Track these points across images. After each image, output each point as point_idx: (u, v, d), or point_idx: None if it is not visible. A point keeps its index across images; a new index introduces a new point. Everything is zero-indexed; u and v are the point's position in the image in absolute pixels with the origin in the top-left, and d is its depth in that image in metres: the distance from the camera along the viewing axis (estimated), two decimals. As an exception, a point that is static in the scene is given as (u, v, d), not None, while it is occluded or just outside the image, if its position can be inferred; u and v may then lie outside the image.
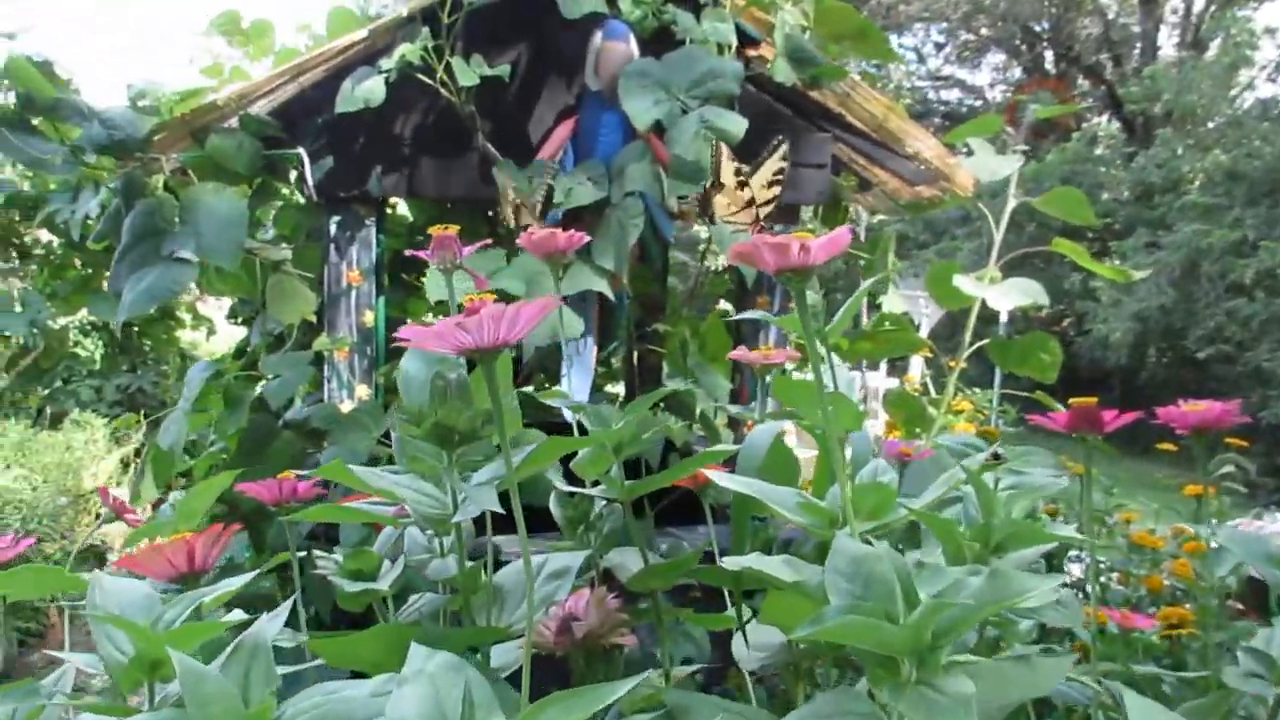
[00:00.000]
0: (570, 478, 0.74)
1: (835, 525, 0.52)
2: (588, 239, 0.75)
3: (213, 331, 4.26)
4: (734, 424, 1.86)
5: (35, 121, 1.26)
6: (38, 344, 3.76)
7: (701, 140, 1.22)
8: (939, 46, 13.64)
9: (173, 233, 1.27)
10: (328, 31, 1.53)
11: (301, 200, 1.73)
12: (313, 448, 1.49)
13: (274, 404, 1.39)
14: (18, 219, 4.17)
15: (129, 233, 1.29)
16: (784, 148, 0.96)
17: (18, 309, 3.83)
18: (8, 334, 4.06)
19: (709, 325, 2.23)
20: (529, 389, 2.04)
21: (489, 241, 0.91)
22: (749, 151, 1.59)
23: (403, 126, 1.51)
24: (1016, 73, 13.38)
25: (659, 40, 1.44)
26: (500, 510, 0.47)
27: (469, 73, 1.32)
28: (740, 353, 0.76)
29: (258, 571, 0.59)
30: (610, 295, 1.35)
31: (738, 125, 1.26)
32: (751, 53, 1.65)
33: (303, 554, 0.72)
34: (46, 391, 3.98)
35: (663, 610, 0.66)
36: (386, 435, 1.48)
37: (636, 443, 0.62)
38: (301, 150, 1.46)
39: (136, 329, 4.53)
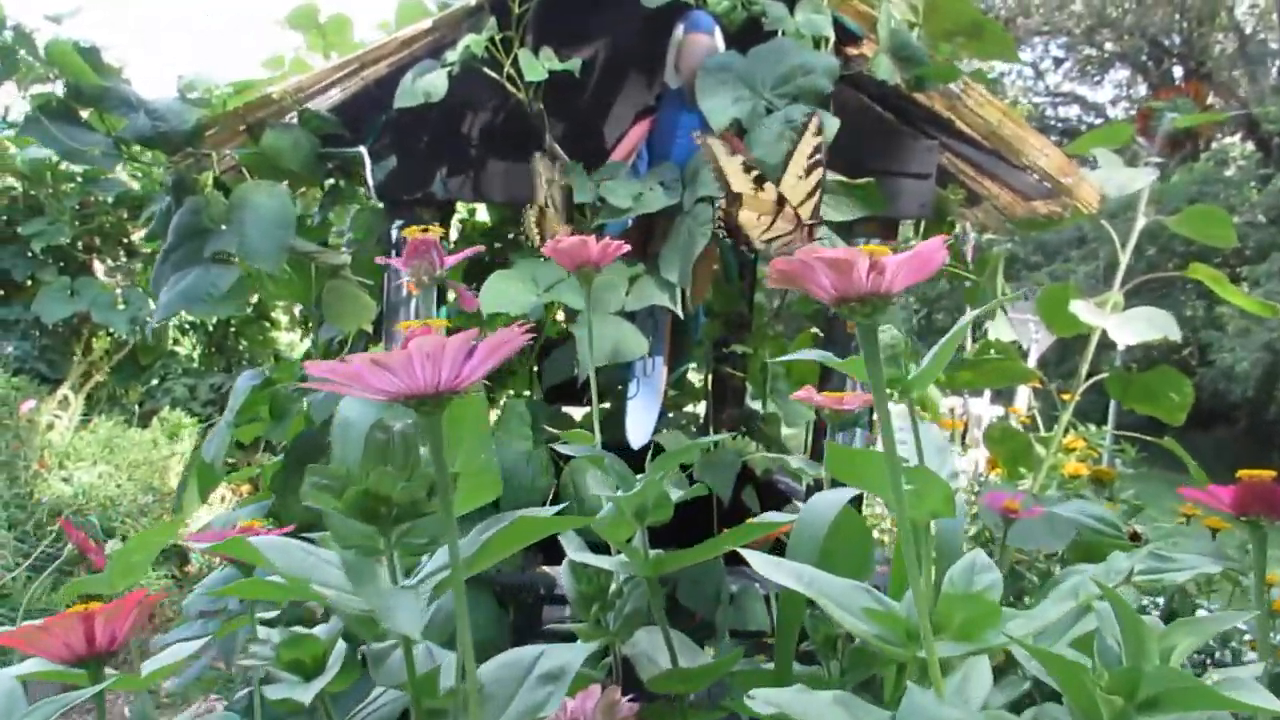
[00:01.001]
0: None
1: (915, 642, 0.38)
2: (626, 248, 0.63)
3: (307, 333, 4.30)
4: (820, 455, 1.70)
5: (85, 112, 1.20)
6: (134, 336, 3.83)
7: (787, 142, 1.08)
8: (1058, 62, 13.11)
9: (217, 232, 1.20)
10: (396, 22, 1.45)
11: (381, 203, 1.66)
12: (362, 464, 1.41)
13: (317, 417, 1.30)
14: (125, 217, 4.29)
15: (174, 231, 1.22)
16: (815, 121, 0.78)
17: (120, 307, 3.93)
18: (111, 331, 4.17)
19: (798, 344, 2.09)
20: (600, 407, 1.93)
21: (481, 249, 0.78)
22: (848, 157, 1.45)
23: (470, 125, 1.42)
24: (1141, 89, 12.76)
25: (748, 35, 1.31)
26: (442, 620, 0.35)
27: (537, 67, 1.22)
28: (806, 393, 0.63)
29: (203, 640, 0.48)
30: (678, 311, 1.23)
31: (829, 125, 1.12)
32: (852, 51, 1.50)
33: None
34: (144, 388, 4.06)
35: (692, 713, 0.53)
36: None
37: (662, 507, 0.49)
38: (363, 149, 1.38)
39: (233, 329, 4.62)
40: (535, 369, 1.68)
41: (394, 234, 1.48)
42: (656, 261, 1.22)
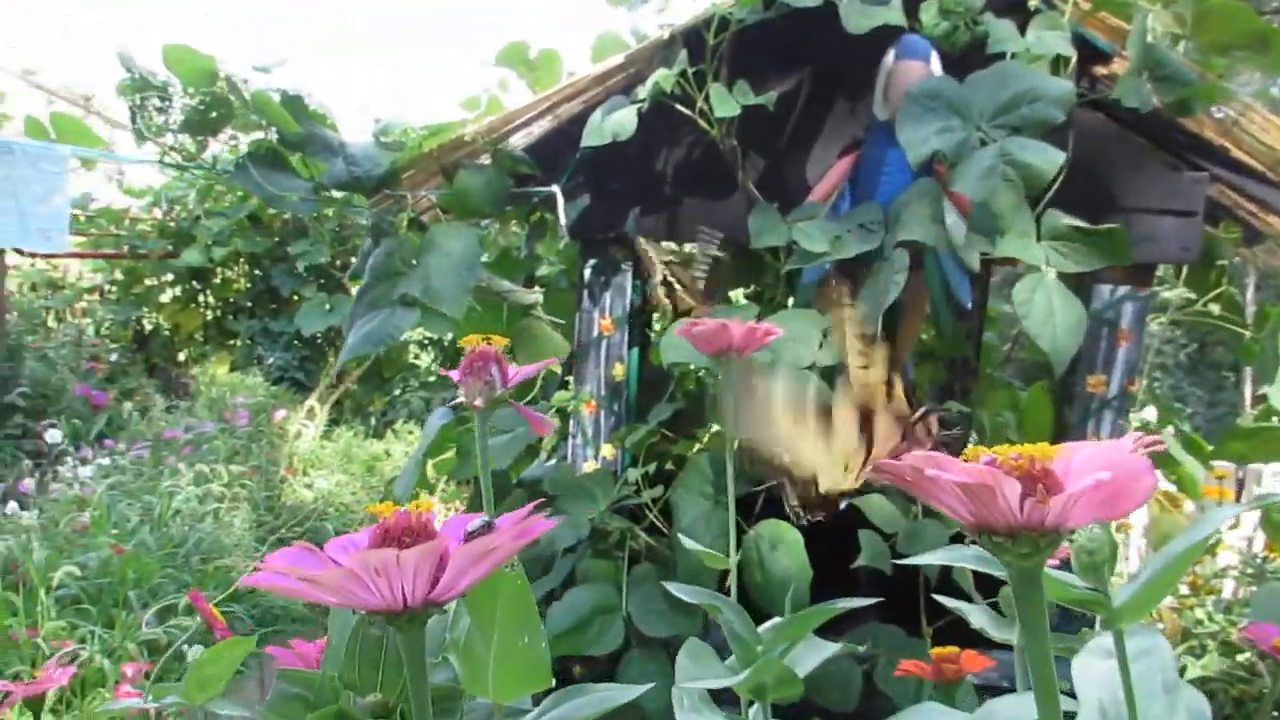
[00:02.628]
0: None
1: None
2: (775, 335, 0.53)
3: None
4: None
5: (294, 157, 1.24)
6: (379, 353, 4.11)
7: (1000, 179, 0.93)
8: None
9: (407, 274, 1.20)
10: (594, 57, 1.42)
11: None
12: (545, 510, 1.37)
13: (498, 461, 1.28)
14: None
15: (370, 272, 1.24)
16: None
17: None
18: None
19: (1030, 399, 1.87)
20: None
21: (553, 362, 0.65)
22: (1094, 194, 1.26)
23: (665, 163, 1.36)
24: None
25: (973, 60, 1.16)
26: None
27: (728, 101, 1.14)
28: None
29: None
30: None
31: (1048, 160, 0.95)
32: (1101, 71, 1.31)
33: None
34: (386, 400, 4.34)
35: None
36: (619, 508, 1.33)
37: (787, 685, 0.39)
38: (556, 188, 1.35)
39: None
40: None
41: (586, 273, 1.45)
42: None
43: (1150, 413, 1.56)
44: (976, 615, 0.47)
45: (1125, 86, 1.06)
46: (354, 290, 1.54)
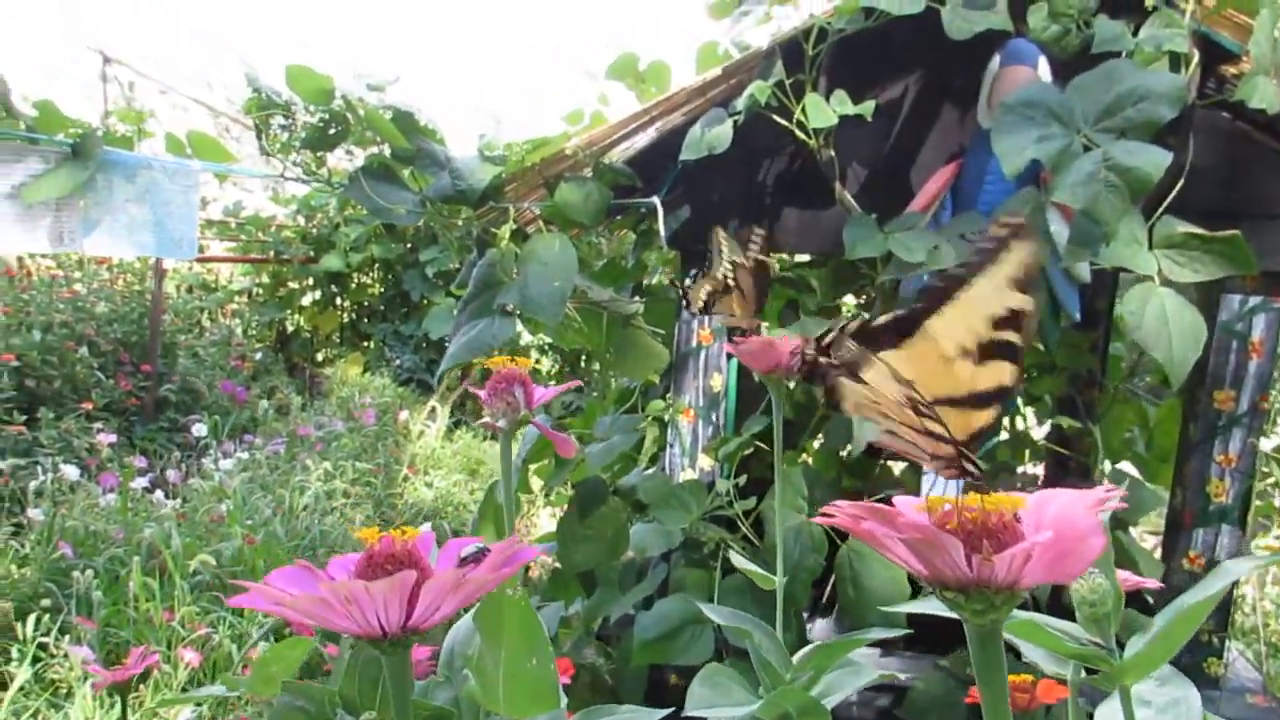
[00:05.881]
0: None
1: None
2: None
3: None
4: (1171, 549, 1.42)
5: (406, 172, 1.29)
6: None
7: (1103, 186, 0.89)
8: None
9: (507, 285, 1.24)
10: (697, 68, 1.42)
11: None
12: (640, 517, 1.39)
13: (593, 467, 1.30)
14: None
15: (473, 282, 1.28)
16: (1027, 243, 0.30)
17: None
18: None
19: (1162, 417, 1.78)
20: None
21: (575, 383, 0.64)
22: (1223, 199, 1.19)
23: (765, 174, 1.35)
24: None
25: (1086, 64, 1.11)
26: None
27: (824, 111, 1.12)
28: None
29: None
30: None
31: (1153, 163, 0.90)
32: (1229, 70, 1.24)
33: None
34: (508, 402, 4.44)
35: None
36: (715, 518, 1.33)
37: (814, 713, 0.39)
38: (656, 200, 1.36)
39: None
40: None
41: (686, 283, 1.46)
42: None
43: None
44: (1029, 647, 0.46)
45: (1249, 87, 1.00)
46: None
